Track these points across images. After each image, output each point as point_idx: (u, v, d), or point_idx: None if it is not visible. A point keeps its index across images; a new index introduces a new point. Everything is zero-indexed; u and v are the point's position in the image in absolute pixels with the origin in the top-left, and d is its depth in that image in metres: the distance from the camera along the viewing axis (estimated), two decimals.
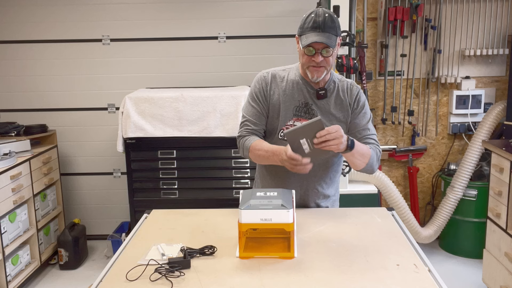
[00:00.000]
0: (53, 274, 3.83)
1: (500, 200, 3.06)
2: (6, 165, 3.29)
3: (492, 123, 3.84)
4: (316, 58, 1.92)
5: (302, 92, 2.06)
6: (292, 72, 2.10)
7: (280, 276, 1.55)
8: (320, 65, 1.95)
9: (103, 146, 4.29)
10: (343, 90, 2.07)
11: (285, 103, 2.06)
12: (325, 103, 2.06)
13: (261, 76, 2.11)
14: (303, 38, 1.92)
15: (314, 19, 1.91)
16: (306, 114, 2.05)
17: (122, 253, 1.79)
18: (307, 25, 1.93)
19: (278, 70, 2.12)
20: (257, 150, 2.03)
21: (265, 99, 2.08)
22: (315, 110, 2.05)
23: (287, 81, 2.08)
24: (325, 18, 1.91)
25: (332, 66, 2.01)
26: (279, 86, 2.08)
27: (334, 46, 1.91)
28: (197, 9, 4.11)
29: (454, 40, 4.04)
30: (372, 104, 4.15)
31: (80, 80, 4.21)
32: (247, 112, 2.12)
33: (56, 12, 4.11)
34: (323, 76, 1.98)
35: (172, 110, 3.47)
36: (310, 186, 2.13)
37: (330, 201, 2.22)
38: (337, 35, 1.94)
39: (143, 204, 3.55)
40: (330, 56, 1.94)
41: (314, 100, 2.05)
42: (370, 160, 2.00)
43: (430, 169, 4.27)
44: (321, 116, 2.00)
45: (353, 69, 3.20)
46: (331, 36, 1.90)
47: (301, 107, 2.05)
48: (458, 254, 3.98)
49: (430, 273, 1.58)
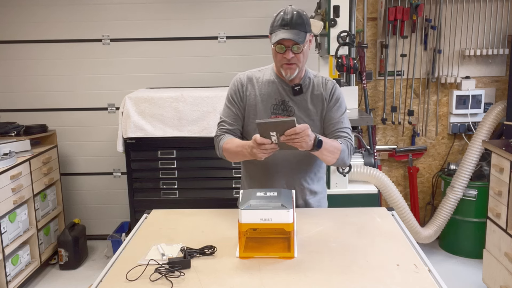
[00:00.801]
0: (53, 274, 3.83)
1: (500, 200, 3.06)
2: (6, 165, 3.29)
3: (492, 123, 3.84)
4: (287, 55, 1.97)
5: (278, 90, 2.10)
6: (267, 72, 2.16)
7: (280, 276, 1.55)
8: (291, 62, 1.99)
9: (103, 146, 4.29)
10: (318, 85, 2.12)
11: (262, 103, 2.11)
12: (301, 99, 2.10)
13: (237, 78, 2.17)
14: (273, 36, 1.98)
15: (282, 17, 1.96)
16: (284, 111, 2.10)
17: (122, 253, 1.79)
18: (276, 23, 1.98)
19: (254, 72, 2.18)
20: (228, 147, 2.08)
21: (241, 101, 2.13)
22: (293, 106, 2.09)
23: (262, 81, 2.13)
24: (293, 15, 1.95)
25: (305, 62, 2.05)
26: (255, 87, 2.13)
27: (302, 42, 1.95)
28: (197, 9, 4.11)
29: (454, 40, 4.04)
30: (372, 104, 4.15)
31: (80, 80, 4.21)
32: (223, 114, 2.18)
33: (56, 12, 4.11)
34: (296, 73, 2.03)
35: (172, 110, 3.47)
36: (296, 182, 2.15)
37: (317, 198, 2.24)
38: (306, 31, 1.98)
39: (143, 204, 3.55)
40: (300, 53, 1.98)
41: (290, 96, 2.10)
42: (341, 155, 2.04)
43: (430, 169, 4.28)
44: (298, 111, 2.08)
45: (353, 69, 3.19)
46: (300, 33, 1.95)
47: (278, 105, 2.10)
48: (458, 254, 3.98)
49: (430, 273, 1.58)
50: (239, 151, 2.02)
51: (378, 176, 3.45)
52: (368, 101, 3.94)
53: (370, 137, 3.96)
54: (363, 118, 3.28)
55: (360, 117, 3.32)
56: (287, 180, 2.14)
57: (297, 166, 2.12)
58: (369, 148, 3.64)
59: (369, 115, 3.71)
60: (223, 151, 2.11)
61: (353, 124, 3.22)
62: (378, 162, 3.95)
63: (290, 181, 2.15)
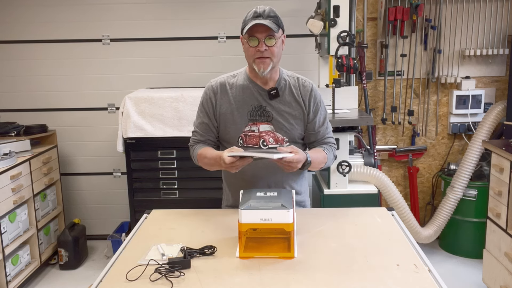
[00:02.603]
0: (53, 274, 3.83)
1: (500, 200, 3.06)
2: (6, 165, 3.29)
3: (492, 123, 3.84)
4: (260, 47, 1.92)
5: (253, 95, 2.05)
6: (241, 76, 2.09)
7: (280, 276, 1.55)
8: (265, 56, 1.94)
9: (103, 146, 4.29)
10: (295, 86, 2.08)
11: (238, 110, 2.05)
12: (278, 103, 2.05)
13: (209, 86, 2.12)
14: (245, 29, 1.93)
15: (254, 11, 1.95)
16: (261, 117, 2.04)
17: (122, 253, 1.79)
18: (248, 17, 1.95)
19: (226, 77, 2.12)
20: (202, 158, 2.07)
21: (214, 110, 2.09)
22: (270, 111, 2.04)
23: (236, 87, 2.07)
24: (265, 9, 1.94)
25: (278, 60, 2.01)
26: (228, 94, 2.07)
27: (276, 31, 1.92)
28: (197, 9, 4.11)
29: (454, 40, 4.04)
30: (372, 104, 4.15)
31: (80, 80, 4.21)
32: (196, 124, 2.16)
33: (56, 12, 4.11)
34: (269, 68, 1.97)
35: (172, 110, 3.47)
36: (278, 186, 2.12)
37: (301, 197, 2.22)
38: (279, 25, 1.95)
39: (143, 204, 3.55)
40: (274, 46, 1.94)
41: (267, 101, 2.04)
42: (326, 164, 2.09)
43: (430, 169, 4.27)
44: (277, 116, 2.03)
45: (353, 69, 3.19)
46: (272, 24, 1.91)
47: (255, 110, 2.05)
48: (458, 254, 3.98)
49: (430, 273, 1.58)
50: (212, 163, 2.00)
51: (378, 176, 3.45)
52: (368, 101, 3.94)
53: (370, 137, 3.96)
54: (363, 118, 3.28)
55: (360, 117, 3.31)
56: (269, 185, 2.11)
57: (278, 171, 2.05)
58: (369, 148, 3.64)
59: (369, 115, 3.71)
60: (198, 161, 2.11)
61: (353, 124, 3.24)
62: (378, 162, 3.95)
63: (272, 186, 2.11)
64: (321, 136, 2.12)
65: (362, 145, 3.63)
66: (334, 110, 3.41)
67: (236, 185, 2.14)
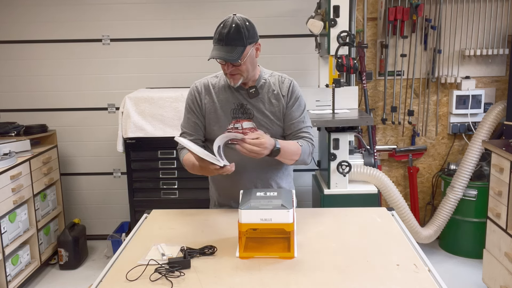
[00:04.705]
0: (53, 274, 3.83)
1: (500, 200, 3.06)
2: (6, 165, 3.29)
3: (492, 123, 3.84)
4: (227, 69, 2.00)
5: (234, 95, 2.12)
6: (223, 77, 2.16)
7: (280, 276, 1.55)
8: (232, 73, 2.01)
9: (103, 146, 4.30)
10: (274, 84, 2.13)
11: (221, 108, 2.11)
12: (258, 101, 2.11)
13: (193, 87, 2.18)
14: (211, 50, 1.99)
15: (220, 31, 1.97)
16: (243, 114, 2.11)
17: (122, 253, 1.79)
18: (215, 36, 1.99)
19: (210, 78, 2.19)
20: (188, 162, 2.09)
21: (200, 109, 2.14)
22: (251, 109, 2.10)
23: (219, 87, 2.14)
24: (230, 29, 1.95)
25: (252, 68, 2.05)
26: (212, 94, 2.14)
27: (236, 60, 1.94)
28: (197, 9, 4.11)
29: (454, 40, 4.04)
30: (372, 104, 4.15)
31: (80, 80, 4.21)
32: (183, 124, 2.20)
33: (56, 12, 4.11)
34: (240, 81, 2.04)
35: (172, 110, 3.47)
36: (264, 184, 2.16)
37: None
38: (244, 45, 1.96)
39: (143, 204, 3.55)
40: (241, 65, 1.98)
41: (247, 99, 2.11)
42: (301, 157, 2.08)
43: (430, 169, 4.27)
44: (257, 113, 2.09)
45: (353, 69, 3.20)
46: (234, 49, 1.94)
47: (237, 109, 2.11)
48: (458, 254, 3.98)
49: (430, 273, 1.58)
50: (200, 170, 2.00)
51: (378, 176, 3.45)
52: (368, 101, 3.94)
53: (370, 137, 3.96)
54: (363, 118, 3.28)
55: (360, 117, 3.32)
56: (255, 183, 2.14)
57: (267, 165, 2.12)
58: (369, 148, 3.64)
59: (369, 115, 3.71)
60: (185, 165, 2.14)
61: (353, 124, 3.24)
62: (378, 162, 3.95)
63: (259, 185, 2.14)
64: (297, 128, 2.13)
65: (362, 145, 3.64)
66: (334, 110, 3.41)
67: (222, 182, 2.21)
